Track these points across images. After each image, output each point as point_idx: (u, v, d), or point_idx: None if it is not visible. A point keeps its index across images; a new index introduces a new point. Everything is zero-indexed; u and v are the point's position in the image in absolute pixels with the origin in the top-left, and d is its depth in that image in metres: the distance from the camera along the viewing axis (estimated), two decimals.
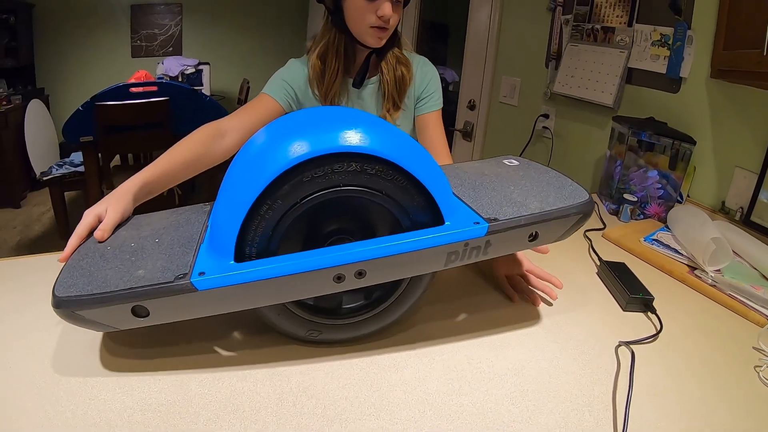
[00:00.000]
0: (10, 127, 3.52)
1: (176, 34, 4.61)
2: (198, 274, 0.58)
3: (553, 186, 0.76)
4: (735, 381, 0.71)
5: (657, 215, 1.34)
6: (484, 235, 0.64)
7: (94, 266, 0.63)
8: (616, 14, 1.70)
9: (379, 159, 0.60)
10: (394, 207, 0.64)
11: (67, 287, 0.59)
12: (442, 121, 1.22)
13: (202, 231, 0.69)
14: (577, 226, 0.73)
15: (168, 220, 0.75)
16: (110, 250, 0.67)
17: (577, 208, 0.70)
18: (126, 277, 0.59)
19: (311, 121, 0.64)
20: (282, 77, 1.10)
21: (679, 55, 1.47)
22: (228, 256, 0.60)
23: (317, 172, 0.59)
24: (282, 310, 0.67)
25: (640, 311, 0.87)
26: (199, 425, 0.56)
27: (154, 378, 0.63)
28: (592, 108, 1.81)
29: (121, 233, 0.72)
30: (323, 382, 0.64)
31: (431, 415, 0.60)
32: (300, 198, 0.60)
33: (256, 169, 0.59)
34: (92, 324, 0.59)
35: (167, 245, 0.66)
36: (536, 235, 0.68)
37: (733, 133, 1.34)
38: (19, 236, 3.25)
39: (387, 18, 0.99)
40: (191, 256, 0.62)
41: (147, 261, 0.63)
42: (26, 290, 0.81)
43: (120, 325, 0.60)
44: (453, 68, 3.43)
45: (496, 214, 0.66)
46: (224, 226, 0.60)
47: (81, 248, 0.69)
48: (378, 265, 0.61)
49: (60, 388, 0.61)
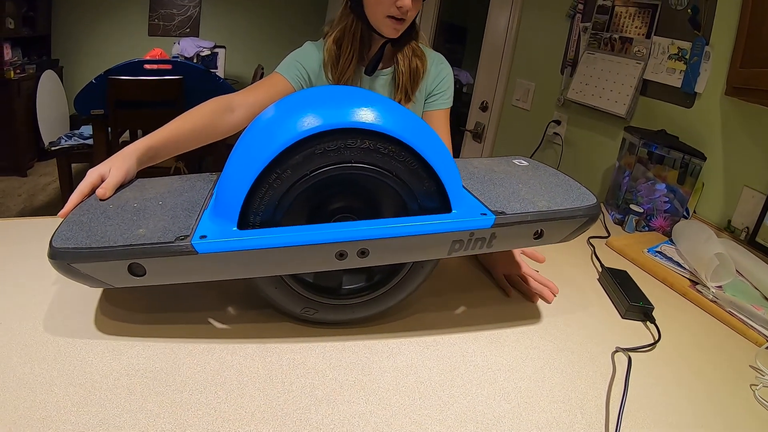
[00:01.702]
0: (22, 95, 3.53)
1: (194, 16, 4.60)
2: (199, 237, 0.57)
3: (562, 188, 0.76)
4: (730, 398, 0.70)
5: (662, 229, 1.33)
6: (490, 227, 0.64)
7: (95, 222, 0.62)
8: (635, 25, 1.69)
9: (393, 139, 0.60)
10: (403, 189, 0.63)
11: (65, 239, 0.58)
12: (449, 120, 1.21)
13: (207, 198, 0.69)
14: (583, 229, 0.72)
15: (173, 185, 0.75)
16: (112, 208, 0.66)
17: (584, 210, 0.70)
18: (126, 234, 0.59)
19: (328, 96, 0.64)
20: (296, 58, 1.10)
21: (695, 69, 1.46)
22: (232, 222, 0.59)
23: (330, 145, 0.58)
24: (279, 284, 0.66)
25: (639, 320, 0.86)
26: (184, 395, 0.56)
27: (144, 344, 0.63)
28: (604, 117, 1.79)
29: (125, 194, 0.71)
30: (314, 362, 0.64)
31: (421, 404, 0.59)
32: (310, 170, 0.59)
33: (269, 136, 0.58)
34: (87, 279, 0.58)
35: (170, 208, 0.65)
36: (541, 233, 0.68)
37: (743, 151, 1.33)
38: (23, 204, 3.25)
39: (405, 9, 0.98)
40: (194, 220, 0.61)
41: (149, 221, 0.62)
42: (22, 250, 0.81)
43: (115, 283, 0.59)
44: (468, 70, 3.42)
45: (504, 208, 0.67)
46: (231, 191, 0.59)
47: (83, 204, 0.68)
48: (381, 245, 0.61)
49: (48, 347, 0.60)
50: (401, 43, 1.10)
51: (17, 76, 3.46)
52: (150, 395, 0.55)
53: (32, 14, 3.80)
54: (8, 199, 3.29)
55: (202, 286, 0.75)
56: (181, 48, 4.13)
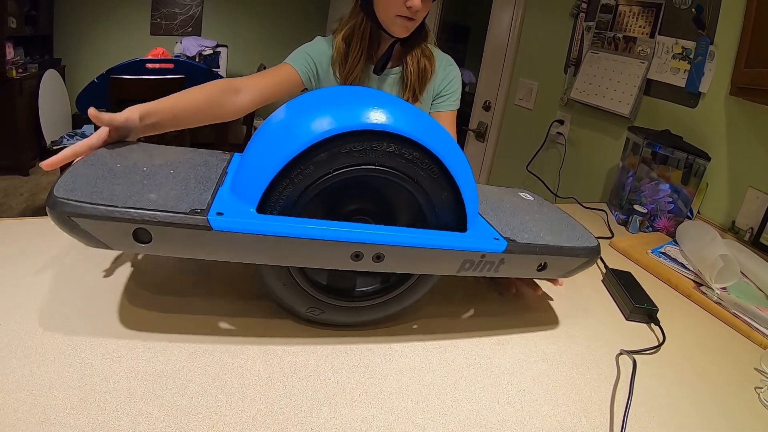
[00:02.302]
0: (24, 94, 3.52)
1: (197, 15, 4.60)
2: (216, 213, 0.55)
3: (566, 226, 0.80)
4: (734, 400, 0.70)
5: (666, 229, 1.33)
6: (501, 252, 0.66)
7: (101, 178, 0.58)
8: (639, 24, 1.68)
9: (418, 145, 0.60)
10: (422, 197, 0.64)
11: (68, 190, 0.53)
12: (455, 122, 1.21)
13: (221, 176, 0.66)
14: (583, 268, 0.75)
15: (184, 156, 0.71)
16: (120, 167, 0.62)
17: (585, 251, 0.73)
18: (135, 196, 0.55)
19: (357, 97, 0.63)
20: (306, 50, 1.10)
21: (699, 69, 1.45)
22: (251, 205, 0.58)
23: (356, 146, 0.58)
24: (288, 281, 0.65)
25: (643, 322, 0.85)
26: (184, 398, 0.55)
27: (144, 346, 0.62)
28: (607, 117, 1.79)
29: (133, 155, 0.67)
30: (316, 365, 0.63)
31: (424, 408, 0.59)
32: (333, 168, 0.59)
33: (298, 129, 0.57)
34: (85, 236, 0.54)
35: (183, 178, 0.63)
36: (545, 265, 0.70)
37: (748, 152, 1.32)
38: (25, 203, 3.25)
39: (415, 9, 0.98)
40: (209, 195, 0.59)
41: (160, 188, 0.59)
42: (22, 250, 0.80)
43: (114, 245, 0.55)
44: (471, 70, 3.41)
45: (514, 236, 0.69)
46: (254, 174, 0.58)
47: (88, 157, 0.64)
48: (397, 252, 0.61)
49: (48, 349, 0.60)
50: (410, 42, 1.10)
51: (19, 76, 3.45)
52: (150, 398, 0.55)
53: (34, 13, 3.80)
54: (10, 198, 3.29)
55: (203, 288, 0.75)
56: (184, 47, 4.13)
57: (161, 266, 0.78)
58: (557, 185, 1.98)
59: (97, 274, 0.74)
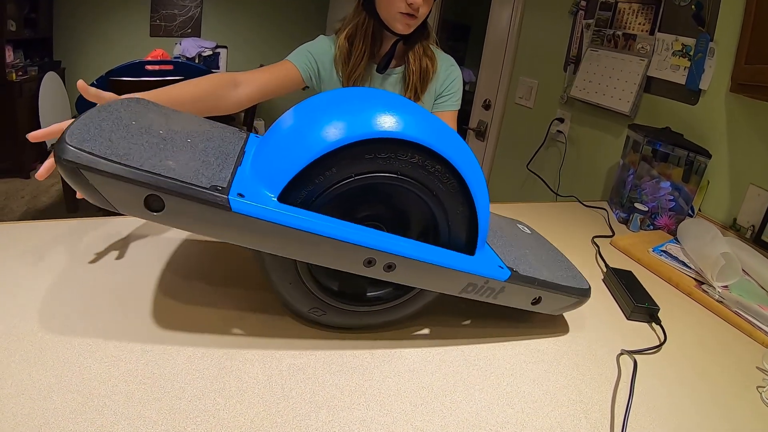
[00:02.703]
0: (24, 97, 3.53)
1: (196, 16, 4.60)
2: (237, 194, 0.53)
3: (560, 265, 0.81)
4: (736, 400, 0.69)
5: (667, 227, 1.32)
6: (503, 280, 0.67)
7: (116, 133, 0.54)
8: (638, 21, 1.67)
9: (442, 159, 0.60)
10: (438, 210, 0.64)
11: (81, 140, 0.49)
12: (456, 123, 1.21)
13: (239, 154, 0.64)
14: (572, 308, 0.77)
15: (202, 126, 0.69)
16: (135, 125, 0.58)
17: (578, 291, 0.75)
18: (153, 160, 0.52)
19: (387, 103, 0.62)
20: (309, 49, 1.10)
21: (699, 66, 1.44)
22: (273, 192, 0.56)
23: (382, 153, 0.58)
24: (294, 280, 0.64)
25: (644, 321, 0.85)
26: (183, 402, 0.55)
27: (142, 350, 0.62)
28: (608, 114, 1.78)
29: (149, 114, 0.64)
30: (314, 367, 0.63)
31: (423, 410, 0.58)
32: (354, 173, 0.58)
33: (327, 129, 0.57)
34: (93, 193, 0.50)
35: (201, 150, 0.60)
36: (539, 300, 0.72)
37: (749, 149, 1.32)
38: (26, 206, 3.26)
39: (417, 6, 0.98)
40: (229, 173, 0.57)
41: (178, 155, 0.56)
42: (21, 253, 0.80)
43: (122, 208, 0.52)
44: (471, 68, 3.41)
45: (516, 267, 0.70)
46: (281, 161, 0.57)
47: (102, 107, 0.59)
48: (408, 264, 0.61)
49: (47, 352, 0.60)
50: (413, 41, 1.10)
51: (19, 78, 3.46)
52: (148, 401, 0.54)
53: (34, 16, 3.80)
54: (11, 201, 3.30)
55: (201, 290, 0.75)
56: (183, 48, 4.13)
57: (160, 270, 0.78)
58: (558, 184, 1.98)
59: (96, 278, 0.74)
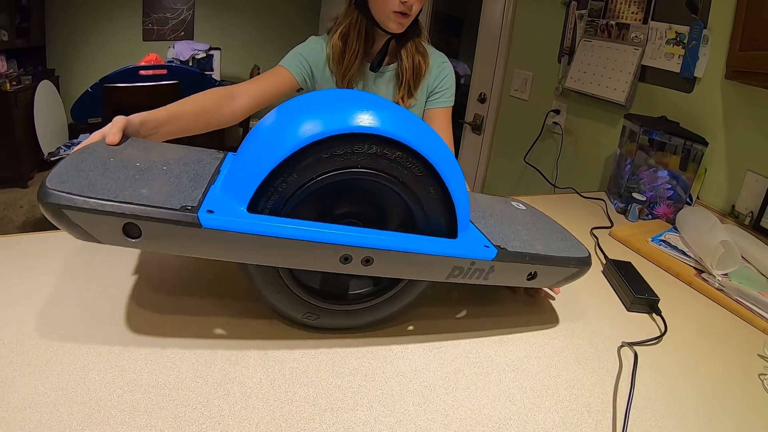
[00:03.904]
0: (19, 106, 3.52)
1: (188, 19, 4.58)
2: (206, 211, 0.55)
3: (557, 236, 0.79)
4: (739, 389, 0.70)
5: (665, 216, 1.32)
6: (491, 260, 0.65)
7: (95, 172, 0.58)
8: (631, 11, 1.67)
9: (400, 144, 0.59)
10: (409, 196, 0.63)
11: (60, 182, 0.54)
12: (450, 119, 1.21)
13: (214, 174, 0.66)
14: (572, 279, 0.75)
15: (179, 153, 0.72)
16: (113, 162, 0.62)
17: (576, 261, 0.73)
18: (127, 191, 0.55)
19: (336, 99, 0.63)
20: (300, 52, 1.10)
21: (694, 54, 1.44)
22: (241, 204, 0.58)
23: (337, 150, 0.58)
24: (281, 289, 0.65)
25: (644, 312, 0.85)
26: (187, 409, 0.55)
27: (146, 358, 0.62)
28: (603, 105, 1.78)
29: (128, 150, 0.68)
30: (317, 370, 0.63)
31: (426, 409, 0.59)
32: (316, 174, 0.59)
33: (276, 140, 0.57)
34: (75, 229, 0.53)
35: (176, 175, 0.63)
36: (535, 274, 0.70)
37: (746, 135, 1.32)
38: (25, 216, 3.26)
39: (410, 5, 0.99)
40: (200, 193, 0.59)
41: (153, 183, 0.59)
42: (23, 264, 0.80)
43: (104, 239, 0.55)
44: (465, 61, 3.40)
45: (505, 245, 0.69)
46: (245, 172, 0.58)
47: (83, 149, 0.64)
48: (386, 256, 0.60)
49: (52, 365, 0.60)
50: (405, 39, 1.10)
51: (14, 88, 3.45)
52: (154, 411, 0.55)
53: (26, 25, 3.79)
54: (11, 211, 3.30)
55: (202, 297, 0.75)
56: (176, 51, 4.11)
57: (158, 278, 0.78)
58: (555, 175, 1.98)
59: (97, 289, 0.74)
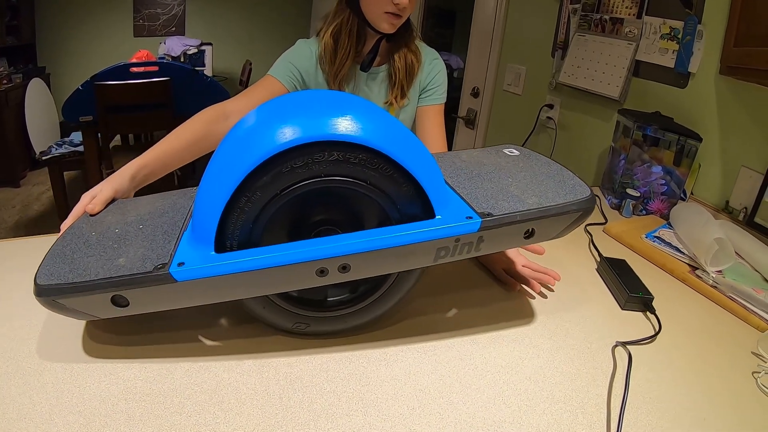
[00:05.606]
0: (10, 105, 3.49)
1: (179, 14, 4.55)
2: (177, 264, 0.56)
3: (553, 180, 0.73)
4: (733, 387, 0.70)
5: (659, 211, 1.32)
6: (476, 231, 0.61)
7: (78, 253, 0.62)
8: (625, 5, 1.66)
9: (362, 147, 0.57)
10: (381, 197, 0.61)
11: (48, 275, 0.58)
12: (443, 116, 1.20)
13: (187, 217, 0.67)
14: (577, 224, 0.69)
15: (154, 205, 0.73)
16: (94, 236, 0.66)
17: (576, 204, 0.67)
18: (107, 265, 0.58)
19: (292, 108, 0.61)
20: (288, 59, 1.09)
21: (688, 49, 1.43)
22: (208, 247, 0.58)
23: (296, 162, 0.56)
24: (267, 303, 0.65)
25: (639, 310, 0.86)
26: (182, 417, 0.55)
27: (140, 366, 0.62)
28: (597, 100, 1.77)
29: (107, 218, 0.71)
30: (311, 375, 0.63)
31: (420, 412, 0.59)
32: (280, 189, 0.57)
33: (233, 160, 0.57)
34: (73, 312, 0.59)
35: (150, 232, 0.65)
36: (532, 231, 0.65)
37: (740, 131, 1.32)
38: (18, 215, 3.24)
39: (402, 6, 0.98)
40: (172, 245, 0.61)
41: (129, 248, 0.61)
42: (16, 273, 0.80)
43: (100, 314, 0.59)
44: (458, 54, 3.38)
45: (491, 209, 0.63)
46: (204, 216, 0.58)
47: (66, 233, 0.68)
48: (362, 259, 0.59)
49: (46, 374, 0.60)
50: (396, 39, 1.09)
51: (4, 87, 3.43)
52: (149, 419, 0.55)
53: (16, 23, 3.75)
54: (3, 212, 3.28)
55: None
56: (168, 47, 4.09)
57: None
58: None
59: None
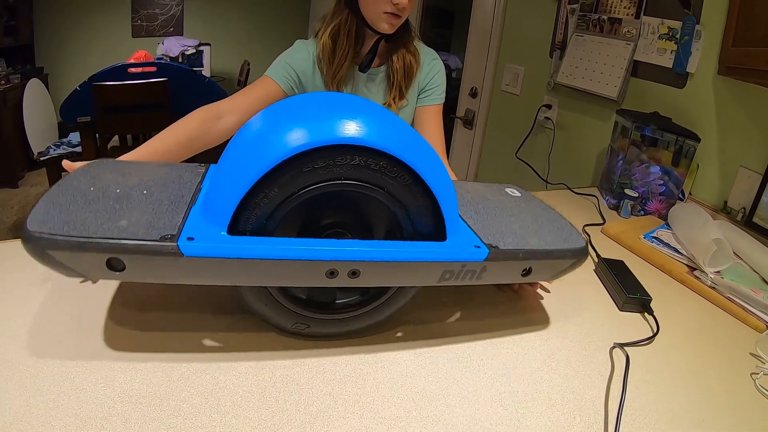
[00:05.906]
0: (8, 106, 3.48)
1: (177, 14, 4.54)
2: (186, 238, 0.54)
3: (553, 225, 0.77)
4: (731, 388, 0.70)
5: (658, 212, 1.33)
6: (482, 260, 0.64)
7: (74, 205, 0.58)
8: (623, 5, 1.66)
9: (384, 154, 0.57)
10: (395, 206, 0.62)
11: (41, 222, 0.53)
12: (442, 116, 1.20)
13: (194, 193, 0.65)
14: (569, 270, 0.73)
15: (158, 173, 0.70)
16: (93, 191, 0.61)
17: (572, 252, 0.71)
18: (107, 224, 0.54)
19: (315, 108, 0.61)
20: (285, 60, 1.09)
21: (686, 49, 1.44)
22: (222, 227, 0.57)
23: (318, 162, 0.56)
24: (269, 301, 0.65)
25: (636, 311, 0.86)
26: (179, 419, 0.55)
27: (136, 368, 0.62)
28: (595, 100, 1.78)
29: (106, 175, 0.66)
30: (308, 378, 0.63)
31: (417, 416, 0.59)
32: (298, 188, 0.57)
33: (254, 154, 0.56)
34: (61, 267, 0.54)
35: (155, 199, 0.62)
36: (530, 270, 0.69)
37: (738, 131, 1.32)
38: (16, 216, 3.23)
39: (402, 6, 0.98)
40: (180, 218, 0.58)
41: (132, 211, 0.58)
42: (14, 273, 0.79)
43: (90, 275, 0.56)
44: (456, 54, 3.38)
45: (497, 242, 0.67)
46: (221, 195, 0.57)
47: (62, 182, 0.63)
48: (373, 267, 0.59)
49: (42, 377, 0.59)
50: (395, 39, 1.09)
51: (2, 87, 3.42)
52: (145, 422, 0.54)
53: (14, 23, 3.74)
54: (1, 212, 3.27)
55: (192, 304, 0.74)
56: (166, 48, 4.08)
57: (151, 287, 0.77)
58: (547, 171, 1.98)
59: (84, 298, 0.73)
